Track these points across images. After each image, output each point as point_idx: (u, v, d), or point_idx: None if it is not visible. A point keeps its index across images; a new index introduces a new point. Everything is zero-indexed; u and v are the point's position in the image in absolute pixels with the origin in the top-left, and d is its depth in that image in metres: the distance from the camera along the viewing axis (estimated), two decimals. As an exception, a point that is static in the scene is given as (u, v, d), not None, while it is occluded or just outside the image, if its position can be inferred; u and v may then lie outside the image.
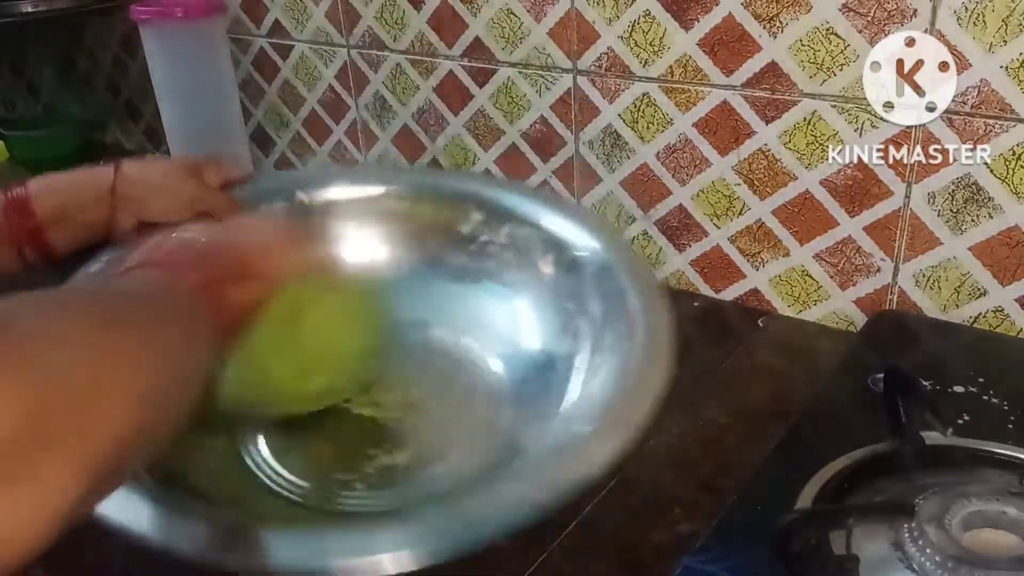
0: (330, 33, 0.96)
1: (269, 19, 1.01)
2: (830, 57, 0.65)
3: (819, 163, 0.68)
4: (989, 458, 0.50)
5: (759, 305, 0.76)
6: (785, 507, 0.46)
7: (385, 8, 0.89)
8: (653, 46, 0.73)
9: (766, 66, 0.68)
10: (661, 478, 0.56)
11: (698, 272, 0.79)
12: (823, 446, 0.51)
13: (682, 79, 0.72)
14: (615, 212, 0.82)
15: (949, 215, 0.64)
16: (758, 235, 0.74)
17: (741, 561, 0.44)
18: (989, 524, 0.44)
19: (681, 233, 0.78)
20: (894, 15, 0.61)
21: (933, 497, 0.45)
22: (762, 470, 0.51)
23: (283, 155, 1.10)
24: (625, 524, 0.52)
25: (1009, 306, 0.64)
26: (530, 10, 0.79)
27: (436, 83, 0.89)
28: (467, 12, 0.83)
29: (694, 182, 0.75)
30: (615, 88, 0.77)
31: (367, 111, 0.98)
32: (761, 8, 0.66)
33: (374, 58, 0.93)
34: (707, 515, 0.52)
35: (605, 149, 0.80)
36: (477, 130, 0.89)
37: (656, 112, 0.75)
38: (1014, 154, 0.60)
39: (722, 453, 0.58)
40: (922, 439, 0.50)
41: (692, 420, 0.61)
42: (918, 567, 0.42)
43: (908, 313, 0.68)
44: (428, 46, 0.88)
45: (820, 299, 0.73)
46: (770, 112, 0.69)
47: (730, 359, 0.69)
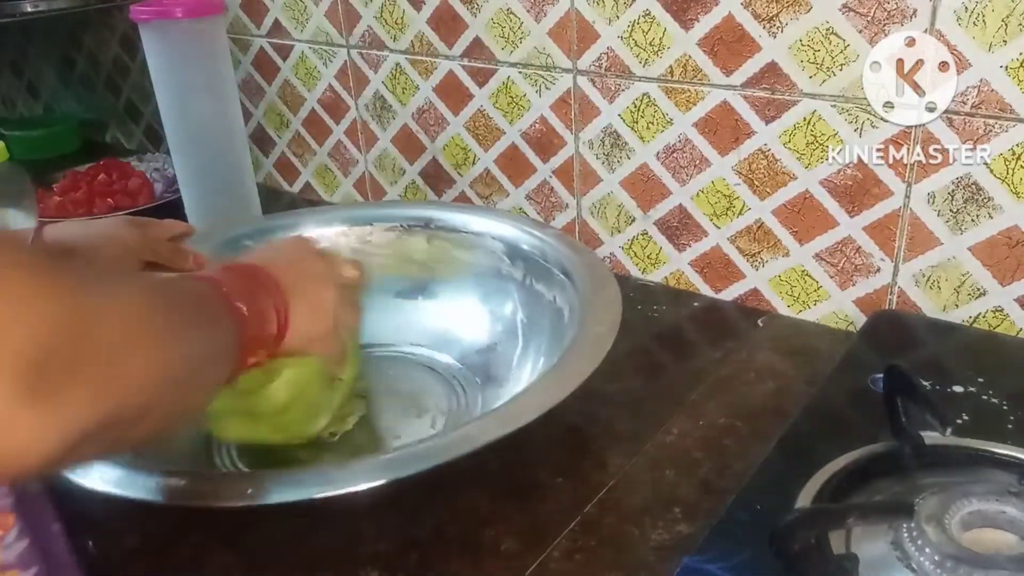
0: (330, 33, 0.96)
1: (269, 19, 1.01)
2: (830, 57, 0.65)
3: (819, 163, 0.68)
4: (989, 458, 0.50)
5: (759, 305, 0.76)
6: (785, 507, 0.46)
7: (385, 8, 0.89)
8: (653, 46, 0.73)
9: (766, 66, 0.68)
10: (661, 478, 0.56)
11: (698, 272, 0.79)
12: (823, 446, 0.51)
13: (682, 79, 0.72)
14: (615, 212, 0.82)
15: (949, 215, 0.64)
16: (758, 235, 0.74)
17: (741, 561, 0.44)
18: (989, 524, 0.44)
19: (681, 233, 0.78)
20: (894, 15, 0.61)
21: (933, 497, 0.45)
22: (762, 470, 0.51)
23: (283, 155, 1.10)
24: (625, 524, 0.52)
25: (1009, 306, 0.65)
26: (530, 10, 0.79)
27: (436, 83, 0.89)
28: (467, 12, 0.83)
29: (694, 182, 0.75)
30: (615, 88, 0.77)
31: (367, 111, 0.98)
32: (761, 8, 0.66)
33: (374, 58, 0.93)
34: (707, 515, 0.52)
35: (605, 149, 0.80)
36: (477, 130, 0.89)
37: (656, 112, 0.75)
38: (1014, 154, 0.60)
39: (722, 453, 0.58)
40: (922, 439, 0.50)
41: (692, 420, 0.61)
42: (917, 567, 0.42)
43: (908, 313, 0.69)
44: (428, 46, 0.88)
45: (820, 299, 0.73)
46: (770, 112, 0.69)
47: (730, 359, 0.69)
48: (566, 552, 0.50)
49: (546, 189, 0.86)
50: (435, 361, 0.71)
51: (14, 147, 1.26)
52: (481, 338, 0.71)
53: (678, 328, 0.75)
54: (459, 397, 0.67)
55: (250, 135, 1.09)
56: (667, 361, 0.72)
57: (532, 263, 0.70)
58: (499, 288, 0.72)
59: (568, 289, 0.65)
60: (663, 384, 0.67)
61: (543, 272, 0.69)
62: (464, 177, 0.92)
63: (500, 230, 0.74)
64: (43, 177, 1.09)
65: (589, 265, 0.66)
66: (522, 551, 0.50)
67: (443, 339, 0.73)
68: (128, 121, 1.33)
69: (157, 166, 1.15)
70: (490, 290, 0.73)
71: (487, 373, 0.69)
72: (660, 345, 0.73)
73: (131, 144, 1.35)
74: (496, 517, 0.53)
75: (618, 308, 0.59)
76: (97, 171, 1.11)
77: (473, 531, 0.52)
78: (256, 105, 1.09)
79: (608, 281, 0.63)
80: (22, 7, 1.09)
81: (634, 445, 0.59)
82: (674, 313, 0.77)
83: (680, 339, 0.74)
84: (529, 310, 0.70)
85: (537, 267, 0.70)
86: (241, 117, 0.92)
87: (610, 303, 0.60)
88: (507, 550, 0.50)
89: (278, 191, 1.13)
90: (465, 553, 0.50)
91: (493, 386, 0.67)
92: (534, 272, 0.70)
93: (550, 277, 0.68)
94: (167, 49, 0.85)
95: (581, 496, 0.54)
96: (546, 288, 0.68)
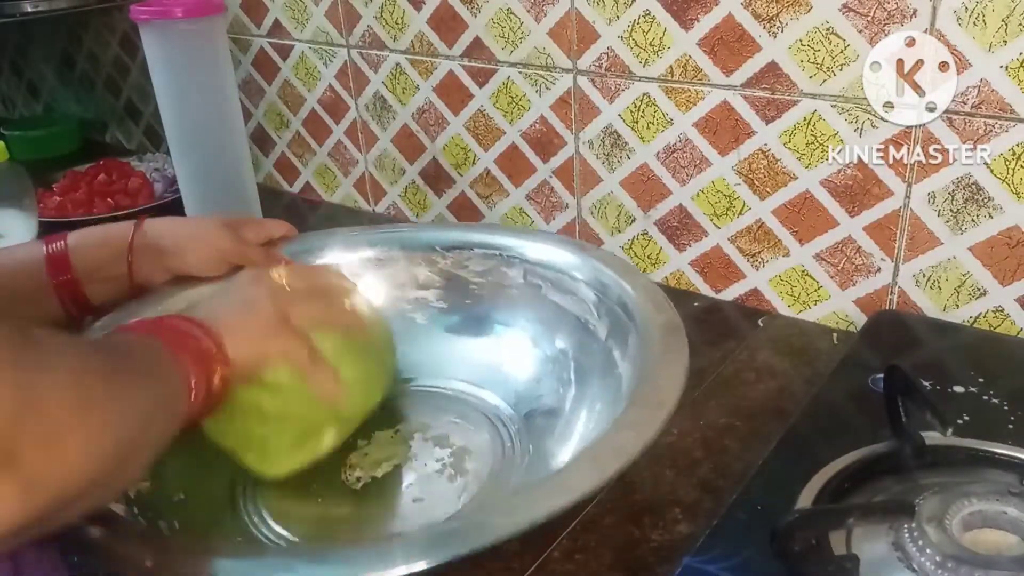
0: (330, 33, 0.96)
1: (269, 19, 1.01)
2: (830, 57, 0.65)
3: (819, 163, 0.68)
4: (989, 458, 0.50)
5: (759, 305, 0.76)
6: (785, 507, 0.46)
7: (385, 8, 0.89)
8: (653, 46, 0.73)
9: (766, 66, 0.68)
10: (661, 478, 0.56)
11: (698, 272, 0.79)
12: (823, 446, 0.51)
13: (682, 79, 0.72)
14: (615, 212, 0.82)
15: (949, 215, 0.64)
16: (758, 235, 0.74)
17: (741, 561, 0.44)
18: (989, 524, 0.44)
19: (681, 233, 0.78)
20: (894, 15, 0.61)
21: (933, 497, 0.45)
22: (762, 470, 0.51)
23: (283, 155, 1.10)
24: (625, 524, 0.52)
25: (1009, 306, 0.64)
26: (530, 10, 0.79)
27: (436, 83, 0.89)
28: (467, 12, 0.83)
29: (694, 182, 0.75)
30: (615, 88, 0.77)
31: (367, 111, 0.98)
32: (761, 8, 0.66)
33: (374, 58, 0.93)
34: (707, 515, 0.52)
35: (605, 149, 0.80)
36: (477, 130, 0.89)
37: (656, 112, 0.75)
38: (1014, 154, 0.60)
39: (722, 453, 0.58)
40: (922, 439, 0.50)
41: (692, 420, 0.61)
42: (918, 567, 0.42)
43: (908, 313, 0.68)
44: (428, 46, 0.88)
45: (820, 299, 0.73)
46: (770, 112, 0.69)
47: (730, 359, 0.69)
48: (566, 552, 0.50)
49: (546, 189, 0.86)
50: (485, 401, 0.67)
51: (14, 147, 1.26)
52: (536, 383, 0.67)
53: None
54: (505, 449, 0.62)
55: (250, 135, 1.09)
56: (667, 361, 0.71)
57: (616, 319, 0.63)
58: (584, 344, 0.65)
59: (631, 348, 0.59)
60: (663, 384, 0.67)
61: (622, 330, 0.61)
62: (464, 177, 0.92)
63: (596, 276, 0.66)
64: (43, 177, 1.09)
65: (667, 327, 0.58)
66: (522, 551, 0.50)
67: (493, 376, 0.68)
68: (128, 121, 1.33)
69: (157, 166, 1.15)
70: (572, 338, 0.66)
71: (538, 424, 0.64)
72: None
73: (131, 144, 1.35)
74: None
75: (679, 387, 0.51)
76: (97, 171, 1.11)
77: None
78: (256, 105, 1.09)
79: (679, 351, 0.55)
80: (22, 7, 1.09)
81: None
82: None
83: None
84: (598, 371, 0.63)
85: (620, 324, 0.62)
86: (241, 117, 0.92)
87: (673, 379, 0.52)
88: (507, 550, 0.50)
89: (278, 191, 1.13)
90: (465, 553, 0.50)
91: (542, 438, 0.62)
92: (616, 332, 0.62)
93: (626, 338, 0.60)
94: (167, 49, 0.85)
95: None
96: (620, 355, 0.61)
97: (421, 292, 0.73)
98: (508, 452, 0.61)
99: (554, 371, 0.66)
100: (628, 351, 0.59)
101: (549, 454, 0.59)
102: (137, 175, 1.11)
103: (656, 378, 0.52)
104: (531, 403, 0.65)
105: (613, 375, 0.59)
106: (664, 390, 0.50)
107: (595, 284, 0.66)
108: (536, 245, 0.71)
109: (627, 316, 0.61)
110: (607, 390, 0.59)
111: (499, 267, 0.71)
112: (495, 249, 0.71)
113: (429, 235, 0.75)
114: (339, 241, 0.75)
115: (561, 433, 0.61)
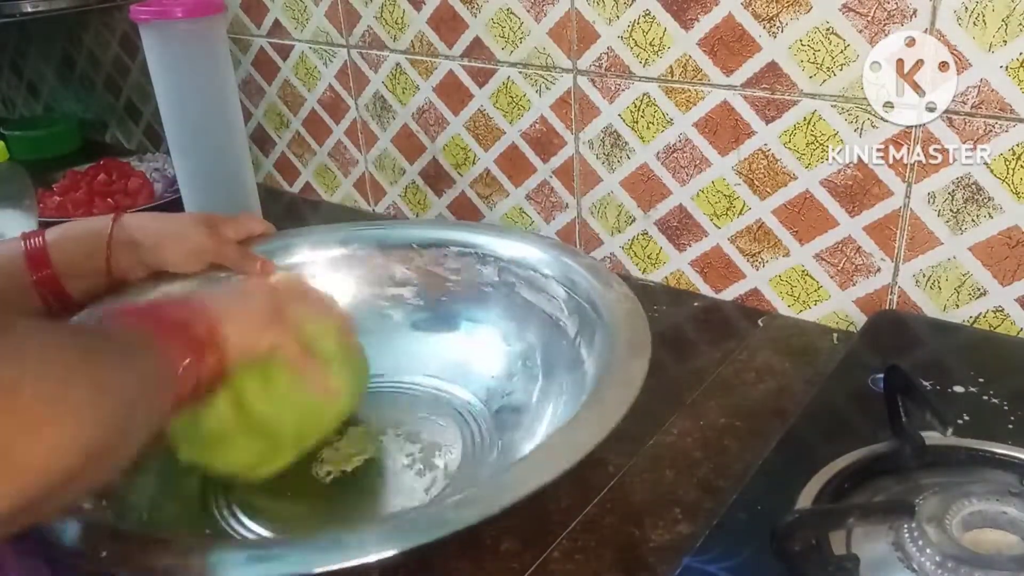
0: (330, 33, 0.96)
1: (269, 19, 1.01)
2: (830, 57, 0.65)
3: (819, 163, 0.68)
4: (989, 458, 0.50)
5: (759, 305, 0.76)
6: (785, 507, 0.46)
7: (385, 8, 0.89)
8: (653, 46, 0.73)
9: (766, 66, 0.68)
10: (661, 478, 0.56)
11: (698, 272, 0.79)
12: (823, 446, 0.51)
13: (682, 79, 0.72)
14: (615, 212, 0.82)
15: (949, 215, 0.64)
16: (758, 235, 0.74)
17: (741, 561, 0.44)
18: (989, 524, 0.44)
19: (681, 233, 0.78)
20: (894, 15, 0.61)
21: (933, 497, 0.45)
22: (762, 470, 0.51)
23: (283, 155, 1.10)
24: (625, 524, 0.52)
25: (1009, 306, 0.64)
26: (530, 10, 0.79)
27: (436, 83, 0.89)
28: (467, 12, 0.83)
29: (694, 182, 0.75)
30: (615, 88, 0.76)
31: (367, 111, 0.98)
32: (761, 8, 0.66)
33: (374, 58, 0.93)
34: (707, 515, 0.52)
35: (605, 149, 0.80)
36: (477, 130, 0.89)
37: (656, 112, 0.75)
38: (1014, 154, 0.60)
39: (722, 453, 0.58)
40: (922, 439, 0.50)
41: (692, 420, 0.61)
42: (918, 567, 0.42)
43: (908, 313, 0.68)
44: (428, 46, 0.88)
45: (820, 299, 0.73)
46: (770, 112, 0.69)
47: (730, 359, 0.69)
48: (566, 552, 0.50)
49: (546, 189, 0.86)
50: (455, 397, 0.68)
51: (14, 147, 1.26)
52: (506, 379, 0.67)
53: (678, 328, 0.75)
54: (474, 444, 0.63)
55: (250, 135, 1.09)
56: (667, 361, 0.71)
57: (585, 316, 0.64)
58: (553, 340, 0.66)
59: (598, 344, 0.60)
60: (663, 384, 0.67)
61: (590, 327, 0.62)
62: (464, 177, 0.92)
63: (566, 273, 0.67)
64: (43, 177, 1.09)
65: (632, 326, 0.59)
66: (522, 551, 0.50)
67: (463, 372, 0.69)
68: (128, 121, 1.33)
69: (157, 166, 1.15)
70: (542, 335, 0.67)
71: (505, 417, 0.65)
72: (660, 345, 0.72)
73: (131, 144, 1.35)
74: (496, 517, 0.53)
75: (639, 381, 0.52)
76: (97, 171, 1.11)
77: (473, 530, 0.52)
78: (256, 105, 1.09)
79: (642, 349, 0.56)
80: (22, 7, 1.09)
81: (634, 445, 0.59)
82: (674, 313, 0.77)
83: (680, 339, 0.74)
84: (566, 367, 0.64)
85: (588, 320, 0.63)
86: (241, 117, 0.92)
87: (631, 379, 0.53)
88: (507, 550, 0.50)
89: (278, 191, 1.13)
90: (465, 553, 0.50)
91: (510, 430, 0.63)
92: (585, 329, 0.63)
93: (593, 334, 0.61)
94: (167, 49, 0.85)
95: (581, 496, 0.54)
96: (587, 352, 0.61)
97: (398, 289, 0.74)
98: (477, 447, 0.62)
99: (523, 367, 0.67)
100: (595, 347, 0.60)
101: (517, 449, 0.60)
102: (137, 175, 1.11)
103: (619, 372, 0.54)
104: (501, 399, 0.66)
105: (579, 371, 0.60)
106: (626, 385, 0.52)
107: (565, 281, 0.67)
108: (509, 243, 0.72)
109: (595, 312, 0.62)
110: (574, 385, 0.60)
111: (474, 265, 0.72)
112: (470, 247, 0.73)
113: (406, 232, 0.76)
114: (314, 238, 0.76)
115: (528, 428, 0.62)
